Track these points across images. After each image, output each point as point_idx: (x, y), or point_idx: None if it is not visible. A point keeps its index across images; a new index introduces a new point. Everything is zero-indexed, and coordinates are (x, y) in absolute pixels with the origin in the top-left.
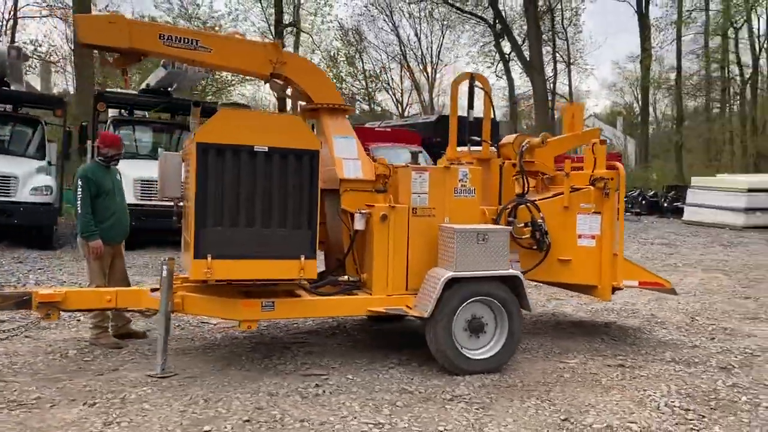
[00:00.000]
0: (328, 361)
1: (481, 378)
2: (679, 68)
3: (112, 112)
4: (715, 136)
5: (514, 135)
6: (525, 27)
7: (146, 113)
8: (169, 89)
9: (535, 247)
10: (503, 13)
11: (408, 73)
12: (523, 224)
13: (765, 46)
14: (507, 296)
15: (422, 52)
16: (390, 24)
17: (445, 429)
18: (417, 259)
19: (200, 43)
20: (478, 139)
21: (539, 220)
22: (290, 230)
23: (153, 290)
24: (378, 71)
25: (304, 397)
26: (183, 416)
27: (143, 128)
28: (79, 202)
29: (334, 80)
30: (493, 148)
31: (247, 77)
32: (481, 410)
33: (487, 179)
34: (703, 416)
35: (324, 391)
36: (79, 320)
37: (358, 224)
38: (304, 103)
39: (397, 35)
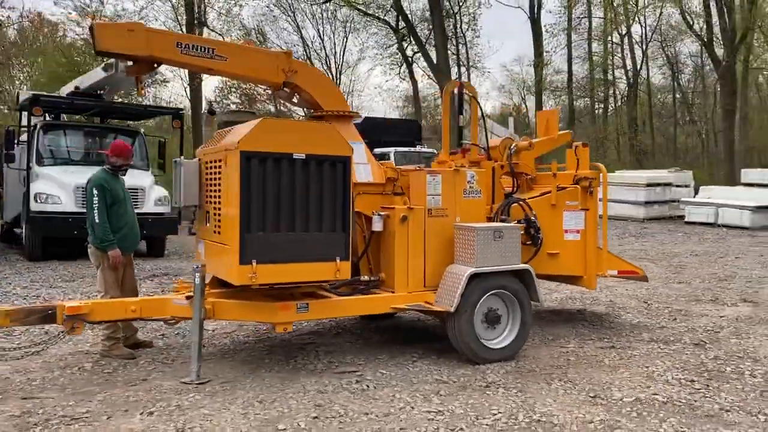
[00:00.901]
0: (352, 359)
1: (501, 366)
2: (570, 72)
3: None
4: (606, 135)
5: (500, 138)
6: (428, 30)
7: (81, 117)
8: (101, 92)
9: (529, 243)
10: (409, 16)
11: None
12: (516, 221)
13: (645, 50)
14: (519, 289)
15: (326, 53)
16: (293, 24)
17: (498, 412)
18: (432, 257)
19: (216, 51)
20: (468, 142)
21: (532, 218)
22: (326, 233)
23: (188, 297)
24: None
25: (352, 393)
26: (248, 418)
27: (75, 133)
28: (95, 212)
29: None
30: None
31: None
32: (520, 393)
33: None
34: (707, 385)
35: (368, 386)
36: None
37: (377, 226)
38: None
39: (301, 36)
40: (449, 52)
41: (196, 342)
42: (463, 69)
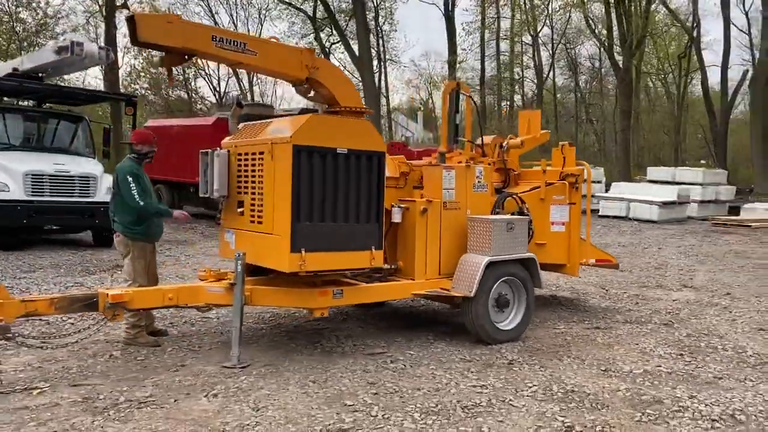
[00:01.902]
0: (373, 342)
1: (512, 346)
2: (482, 69)
3: None
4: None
5: (492, 137)
6: (344, 22)
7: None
8: (42, 75)
9: None
10: (331, 6)
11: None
12: (510, 214)
13: (553, 51)
14: (525, 275)
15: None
16: (205, 9)
17: (533, 384)
18: (446, 247)
19: (247, 46)
20: (463, 139)
21: (525, 211)
22: (363, 224)
23: (232, 284)
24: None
25: (394, 372)
26: (311, 396)
27: (15, 117)
28: (136, 197)
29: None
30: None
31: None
32: (543, 369)
33: None
34: (694, 358)
35: (404, 366)
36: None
37: (396, 217)
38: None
39: (214, 22)
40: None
41: (237, 327)
42: (380, 63)
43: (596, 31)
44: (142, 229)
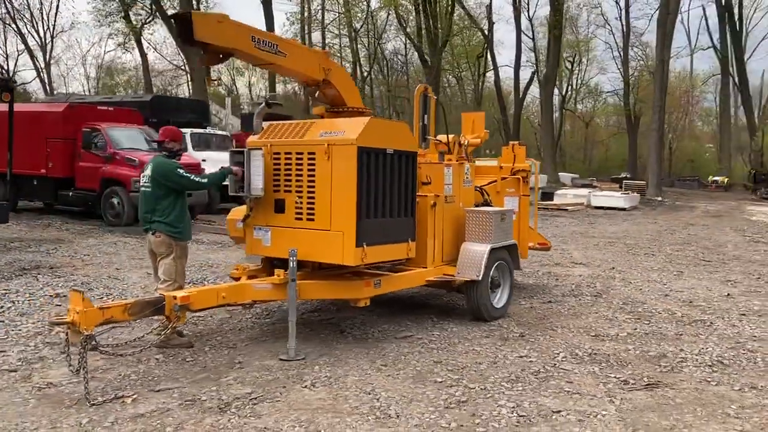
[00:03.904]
0: (392, 327)
1: (506, 321)
2: None
3: None
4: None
5: (453, 135)
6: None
7: None
8: None
9: None
10: None
11: (19, 36)
12: (475, 205)
13: (377, 45)
14: (509, 259)
15: (32, 14)
16: None
17: (559, 351)
18: (447, 237)
19: (279, 47)
20: (430, 137)
21: (489, 201)
22: (402, 218)
23: (293, 280)
24: None
25: (441, 350)
26: (396, 378)
27: None
28: (197, 179)
29: None
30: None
31: None
32: (552, 338)
33: None
34: (650, 321)
35: (443, 345)
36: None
37: None
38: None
39: None
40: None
41: (293, 322)
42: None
43: (407, 28)
44: (183, 228)
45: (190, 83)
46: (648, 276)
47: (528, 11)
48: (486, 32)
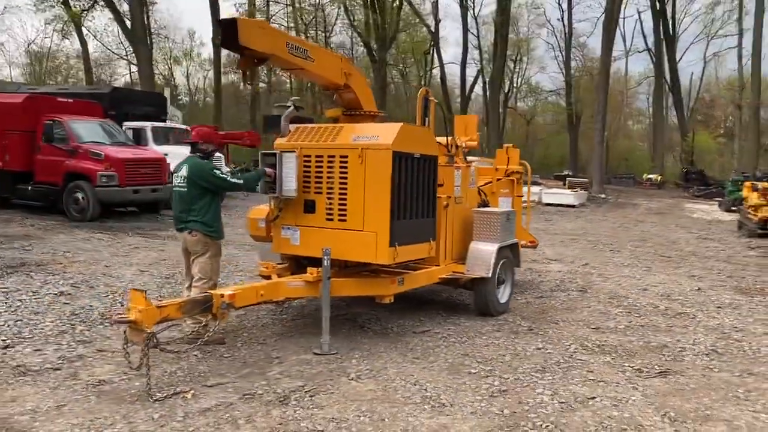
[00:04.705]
0: (407, 322)
1: (511, 316)
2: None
3: None
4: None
5: (450, 138)
6: None
7: None
8: None
9: None
10: None
11: None
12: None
13: (327, 37)
14: (511, 257)
15: None
16: None
17: (569, 343)
18: (456, 236)
19: (309, 53)
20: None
21: (487, 201)
22: (425, 218)
23: (328, 278)
24: None
25: (462, 343)
26: (432, 370)
27: None
28: (231, 180)
29: None
30: None
31: None
32: (558, 330)
33: None
34: (638, 313)
35: (462, 339)
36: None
37: None
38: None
39: None
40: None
41: (327, 317)
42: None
43: (354, 22)
44: (218, 227)
45: (131, 75)
46: (621, 272)
47: (474, 10)
48: (432, 29)
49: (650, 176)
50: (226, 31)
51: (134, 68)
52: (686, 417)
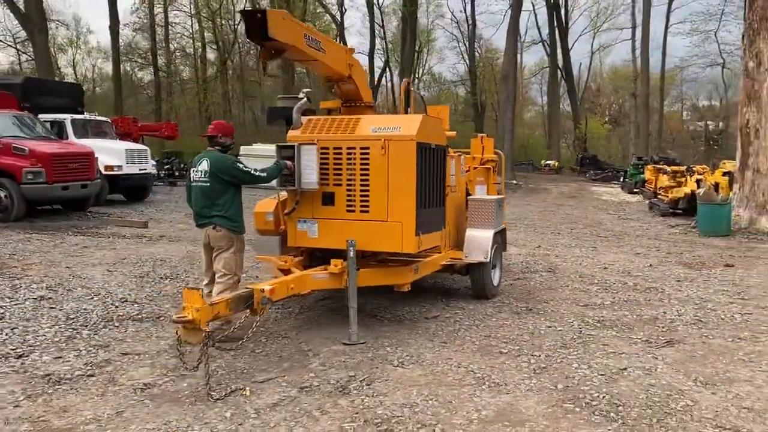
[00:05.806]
0: (416, 309)
1: (505, 298)
2: (153, 39)
3: None
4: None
5: None
6: None
7: None
8: None
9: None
10: None
11: None
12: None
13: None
14: (502, 241)
15: None
16: None
17: (570, 320)
18: (452, 223)
19: (321, 44)
20: None
21: (468, 190)
22: (438, 207)
23: (361, 269)
24: None
25: (477, 327)
26: (465, 353)
27: None
28: (257, 172)
29: None
30: None
31: None
32: (554, 311)
33: None
34: (610, 289)
35: (471, 323)
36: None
37: None
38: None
39: None
40: None
41: (354, 308)
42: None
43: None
44: (241, 221)
45: (20, 64)
46: (573, 252)
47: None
48: (338, 19)
49: (548, 162)
50: (253, 24)
51: (24, 57)
52: (714, 380)
